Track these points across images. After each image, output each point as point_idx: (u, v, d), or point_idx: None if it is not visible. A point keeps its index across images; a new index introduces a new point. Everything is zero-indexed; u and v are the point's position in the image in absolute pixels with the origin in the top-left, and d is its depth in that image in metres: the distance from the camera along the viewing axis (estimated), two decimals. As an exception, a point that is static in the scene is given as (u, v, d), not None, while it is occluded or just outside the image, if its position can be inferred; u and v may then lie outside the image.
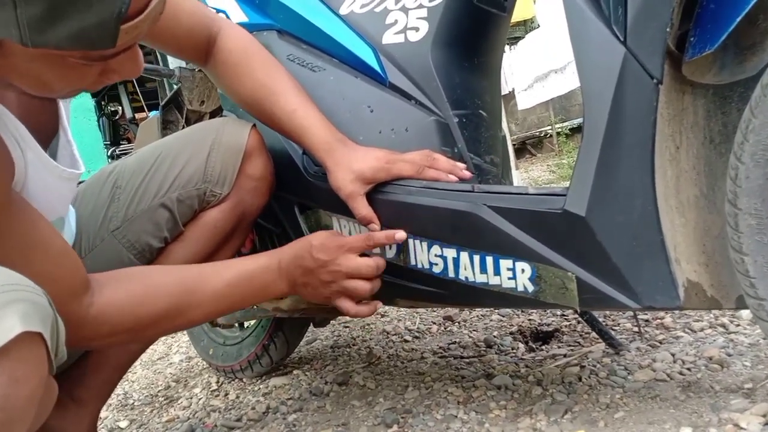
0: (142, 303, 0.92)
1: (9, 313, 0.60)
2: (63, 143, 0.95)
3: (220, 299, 0.99)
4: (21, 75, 0.68)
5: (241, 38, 1.15)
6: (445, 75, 1.14)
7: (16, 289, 0.63)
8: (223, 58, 1.13)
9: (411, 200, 1.03)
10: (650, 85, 0.77)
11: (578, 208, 0.84)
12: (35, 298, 0.64)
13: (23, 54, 0.63)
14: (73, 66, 0.68)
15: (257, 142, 1.18)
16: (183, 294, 0.96)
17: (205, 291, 0.97)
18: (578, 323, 1.59)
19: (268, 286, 1.02)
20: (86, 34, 0.62)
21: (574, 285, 0.88)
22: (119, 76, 0.74)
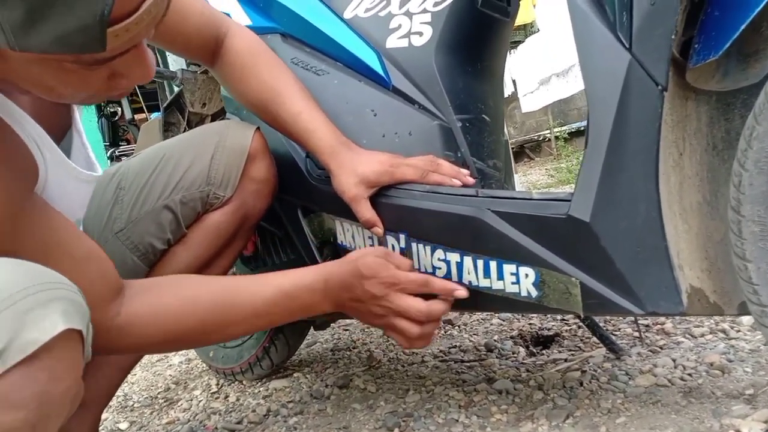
0: (174, 317, 0.89)
1: (52, 310, 0.61)
2: (77, 145, 0.95)
3: (259, 317, 0.95)
4: (26, 80, 0.67)
5: (249, 40, 1.15)
6: (448, 79, 1.15)
7: (57, 287, 0.64)
8: (230, 59, 1.14)
9: (414, 204, 1.04)
10: (655, 91, 0.78)
11: (582, 213, 0.84)
12: (74, 296, 0.66)
13: (21, 59, 0.62)
14: (72, 70, 0.65)
15: (261, 145, 1.18)
16: (220, 310, 0.92)
17: (243, 308, 0.94)
18: (579, 328, 1.59)
19: (312, 306, 0.98)
20: (71, 39, 0.59)
21: (577, 290, 0.88)
22: (129, 81, 0.71)
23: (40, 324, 0.60)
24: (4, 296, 0.59)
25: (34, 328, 0.60)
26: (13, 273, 0.63)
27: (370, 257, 0.96)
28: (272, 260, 1.48)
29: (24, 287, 0.61)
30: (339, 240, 1.20)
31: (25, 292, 0.60)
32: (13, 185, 0.72)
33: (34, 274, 0.64)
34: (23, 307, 0.60)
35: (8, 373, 0.57)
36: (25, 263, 0.65)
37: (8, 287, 0.60)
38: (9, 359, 0.58)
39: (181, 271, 1.14)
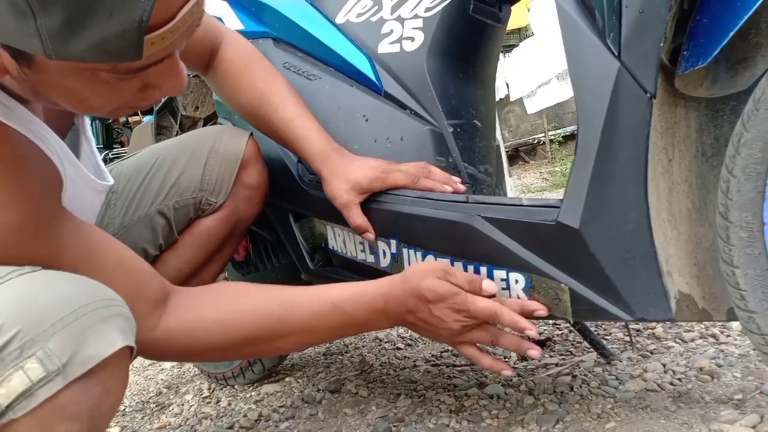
0: (214, 330, 0.86)
1: (111, 327, 0.63)
2: (86, 152, 0.94)
3: (311, 333, 0.92)
4: (58, 91, 0.66)
5: (243, 48, 1.15)
6: (440, 85, 1.15)
7: (113, 304, 0.66)
8: (224, 67, 1.14)
9: (406, 210, 1.04)
10: (644, 99, 0.78)
11: (572, 220, 0.84)
12: (126, 312, 0.67)
13: (55, 68, 0.61)
14: (106, 81, 0.64)
15: (254, 152, 1.18)
16: (269, 322, 0.89)
17: (295, 320, 0.90)
18: (570, 332, 1.59)
19: (369, 324, 0.95)
20: (108, 45, 0.58)
21: (567, 296, 0.88)
22: (162, 92, 0.70)
23: (101, 340, 0.62)
24: (67, 312, 0.61)
25: (94, 343, 0.61)
26: (72, 288, 0.64)
27: (433, 281, 0.90)
28: (264, 265, 1.48)
29: (85, 303, 0.62)
30: (330, 245, 1.20)
31: (86, 308, 0.62)
32: (45, 198, 0.73)
33: (93, 290, 0.65)
34: (85, 323, 0.61)
35: (69, 386, 0.59)
36: (82, 278, 0.67)
37: (70, 302, 0.62)
38: (71, 373, 0.59)
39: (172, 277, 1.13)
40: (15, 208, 0.68)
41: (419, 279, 0.90)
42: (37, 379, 0.58)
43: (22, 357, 0.58)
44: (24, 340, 0.58)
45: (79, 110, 0.71)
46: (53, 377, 0.58)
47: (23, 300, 0.61)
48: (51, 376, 0.58)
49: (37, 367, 0.58)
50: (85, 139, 0.94)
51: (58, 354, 0.59)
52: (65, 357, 0.59)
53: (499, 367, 0.95)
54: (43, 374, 0.58)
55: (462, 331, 0.91)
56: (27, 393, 0.58)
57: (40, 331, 0.59)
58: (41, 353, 0.58)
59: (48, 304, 0.61)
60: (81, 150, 0.93)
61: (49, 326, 0.59)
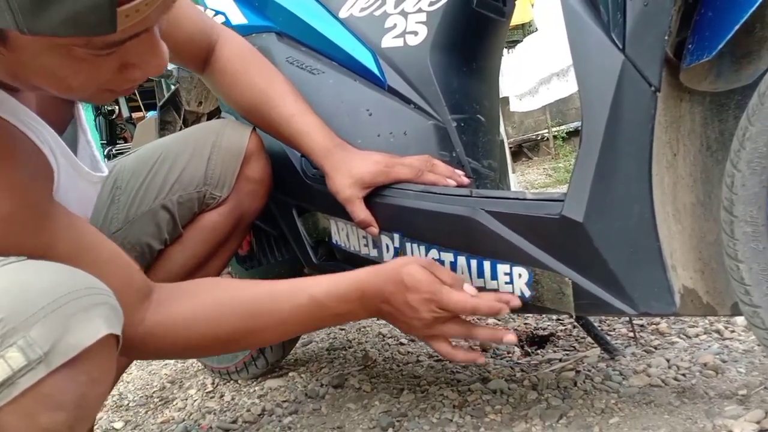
0: (199, 325, 0.86)
1: (95, 315, 0.63)
2: (83, 144, 0.93)
3: (287, 324, 0.91)
4: (36, 72, 0.64)
5: (240, 46, 1.15)
6: (443, 79, 1.15)
7: (99, 293, 0.65)
8: (222, 66, 1.13)
9: (409, 204, 1.04)
10: (648, 92, 0.78)
11: (576, 214, 0.84)
12: (114, 302, 0.67)
13: (30, 47, 0.60)
14: (83, 58, 0.62)
15: (257, 145, 1.18)
16: (247, 318, 0.89)
17: (272, 316, 0.90)
18: (574, 328, 1.59)
19: (345, 315, 0.94)
20: (81, 18, 0.55)
21: (570, 290, 0.88)
22: (142, 71, 0.67)
23: (84, 328, 0.61)
24: (49, 300, 0.60)
25: (78, 331, 0.61)
26: (57, 277, 0.64)
27: (414, 266, 0.90)
28: (267, 259, 1.49)
29: (68, 291, 0.62)
30: (334, 239, 1.20)
31: (69, 296, 0.61)
32: (34, 189, 0.72)
33: (77, 279, 0.65)
34: (68, 311, 0.61)
35: (52, 374, 0.59)
36: (67, 267, 0.66)
37: (54, 291, 0.61)
38: (54, 362, 0.59)
39: (176, 272, 1.14)
40: (3, 199, 0.67)
41: (402, 264, 0.91)
42: (18, 368, 0.57)
43: (3, 346, 0.57)
44: (5, 329, 0.58)
45: (60, 92, 0.68)
46: (35, 366, 0.58)
47: (6, 289, 0.60)
48: (32, 365, 0.58)
49: (18, 356, 0.58)
50: (82, 131, 0.94)
51: (40, 342, 0.58)
52: (47, 345, 0.59)
53: (472, 357, 0.95)
54: (24, 363, 0.58)
55: (434, 322, 0.90)
56: (8, 382, 0.57)
57: (22, 319, 0.58)
58: (22, 342, 0.58)
59: (31, 293, 0.60)
60: (78, 142, 0.92)
61: (31, 315, 0.59)
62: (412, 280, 0.89)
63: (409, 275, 0.89)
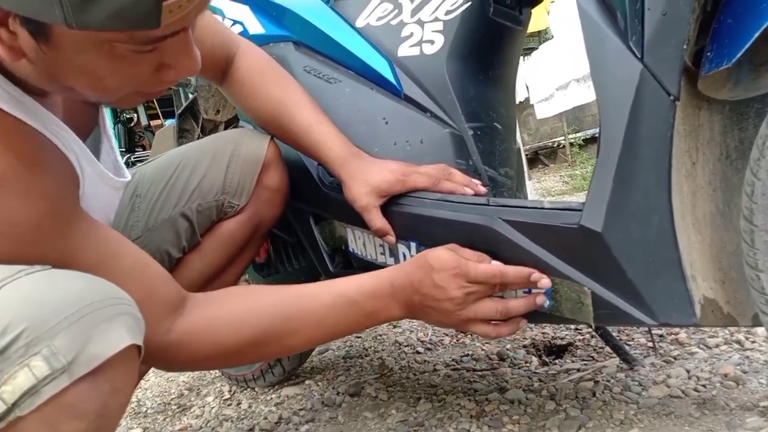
0: (228, 330, 0.86)
1: (117, 325, 0.63)
2: (106, 149, 0.93)
3: (321, 326, 0.90)
4: (74, 71, 0.65)
5: (258, 57, 1.16)
6: (460, 87, 1.15)
7: (121, 303, 0.65)
8: (240, 77, 1.15)
9: (426, 212, 1.03)
10: (667, 101, 0.77)
11: (594, 223, 0.83)
12: (135, 311, 0.67)
13: (72, 44, 0.61)
14: (123, 56, 0.64)
15: (275, 154, 1.19)
16: (278, 319, 0.88)
17: (302, 318, 0.89)
18: (592, 337, 1.58)
19: (379, 312, 0.93)
20: (128, 12, 0.57)
21: (589, 300, 0.87)
22: (176, 72, 0.69)
23: (107, 338, 0.62)
24: (72, 310, 0.60)
25: (101, 341, 0.61)
26: (81, 286, 0.64)
27: (439, 250, 0.92)
28: (284, 267, 1.49)
29: (92, 301, 0.62)
30: (350, 247, 1.20)
31: (92, 306, 0.62)
32: (61, 197, 0.72)
33: (100, 289, 0.65)
34: (91, 321, 0.61)
35: (75, 384, 0.59)
36: (91, 277, 0.66)
37: (77, 301, 0.61)
38: (76, 371, 0.59)
39: (194, 279, 1.15)
40: (31, 206, 0.67)
41: (427, 252, 0.93)
42: (42, 377, 0.58)
43: (28, 355, 0.58)
44: (30, 338, 0.58)
45: (94, 93, 0.69)
46: (58, 375, 0.58)
47: (30, 298, 0.61)
48: (56, 374, 0.58)
49: (43, 365, 0.58)
50: (106, 137, 0.94)
51: (64, 352, 0.59)
52: (71, 355, 0.59)
53: (514, 327, 0.94)
54: (48, 372, 0.58)
55: (465, 300, 0.90)
56: (32, 390, 0.58)
57: (46, 329, 0.59)
58: (46, 351, 0.58)
59: (55, 303, 0.61)
60: (102, 148, 0.93)
61: (55, 324, 0.59)
62: (437, 260, 0.90)
63: (434, 257, 0.91)
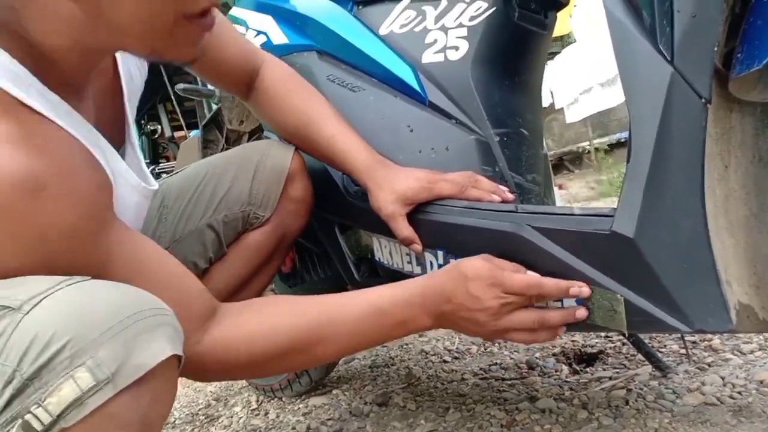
0: (258, 338, 0.85)
1: (159, 335, 0.63)
2: (131, 156, 0.94)
3: (352, 335, 0.89)
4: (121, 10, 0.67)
5: (282, 71, 1.17)
6: (485, 93, 1.14)
7: (162, 313, 0.65)
8: (265, 90, 1.16)
9: (452, 220, 1.03)
10: (698, 104, 0.75)
11: (626, 229, 0.82)
12: (175, 321, 0.67)
13: None
14: None
15: (299, 165, 1.20)
16: (309, 328, 0.87)
17: (333, 326, 0.88)
18: (623, 345, 1.55)
19: (409, 322, 0.91)
20: None
21: (622, 307, 0.86)
22: None
23: (149, 348, 0.62)
24: (115, 321, 0.61)
25: (143, 352, 0.61)
26: (122, 298, 0.64)
27: (474, 259, 0.90)
28: (310, 276, 1.49)
29: (134, 312, 0.62)
30: (376, 256, 1.19)
31: (135, 317, 0.62)
32: (97, 203, 0.72)
33: (141, 299, 0.65)
34: (133, 331, 0.61)
35: (119, 395, 0.59)
36: (132, 288, 0.66)
37: (119, 312, 0.62)
38: (120, 382, 0.59)
39: (220, 290, 1.15)
40: (68, 210, 0.67)
41: (460, 261, 0.91)
42: (87, 388, 0.58)
43: (72, 366, 0.58)
44: (74, 349, 0.58)
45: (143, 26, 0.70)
46: (103, 386, 0.58)
47: (73, 310, 0.61)
48: (101, 385, 0.58)
49: (87, 376, 0.58)
50: (130, 144, 0.95)
51: (108, 363, 0.59)
52: (114, 366, 0.59)
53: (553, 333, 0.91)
54: (93, 383, 0.58)
55: (500, 310, 0.88)
56: (77, 402, 0.58)
57: (90, 340, 0.59)
58: (91, 362, 0.58)
59: (97, 314, 0.61)
60: (126, 154, 0.93)
61: (99, 335, 0.59)
62: (472, 270, 0.88)
63: (468, 267, 0.89)
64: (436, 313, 0.90)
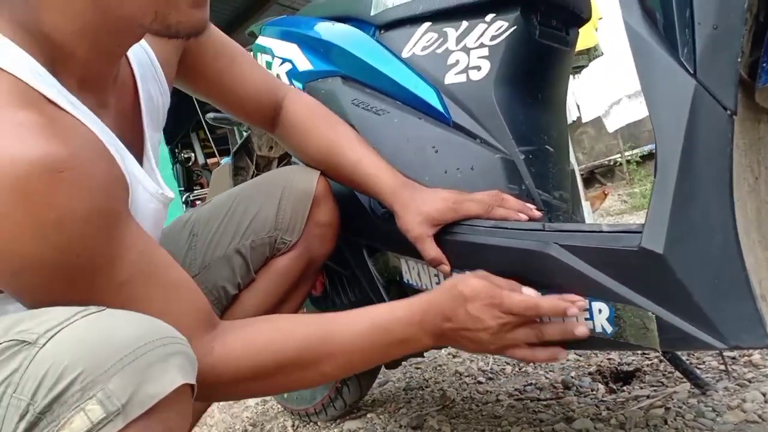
0: (267, 349, 0.87)
1: (171, 365, 0.63)
2: (147, 168, 0.96)
3: (354, 352, 0.90)
4: None
5: (305, 102, 1.21)
6: (508, 112, 1.14)
7: (174, 342, 0.66)
8: (289, 121, 1.19)
9: (480, 240, 1.02)
10: (724, 116, 0.74)
11: (656, 245, 0.81)
12: (188, 350, 0.67)
13: None
14: None
15: (325, 189, 1.21)
16: (314, 341, 0.88)
17: (337, 342, 0.89)
18: (660, 362, 1.52)
19: (409, 340, 0.92)
20: None
21: (654, 325, 0.84)
22: None
23: (160, 378, 0.62)
24: (127, 351, 0.61)
25: (154, 382, 0.61)
26: (135, 327, 0.65)
27: (470, 278, 0.91)
28: (341, 300, 1.49)
29: (145, 342, 0.63)
30: (405, 278, 1.19)
31: (146, 347, 0.62)
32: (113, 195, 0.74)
33: (154, 329, 0.65)
34: (145, 362, 0.61)
35: (130, 426, 0.59)
36: (145, 316, 0.67)
37: (131, 342, 0.62)
38: (131, 413, 0.59)
39: (250, 316, 1.15)
40: (84, 195, 0.69)
41: (457, 280, 0.91)
42: (97, 420, 0.58)
43: (83, 399, 0.58)
44: (85, 381, 0.59)
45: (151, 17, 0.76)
46: (113, 418, 0.58)
47: (87, 341, 0.61)
48: (111, 417, 0.58)
49: (98, 408, 0.58)
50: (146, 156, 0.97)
51: (118, 394, 0.59)
52: (125, 397, 0.59)
53: (554, 353, 0.91)
54: (103, 415, 0.58)
55: (500, 330, 0.88)
56: None
57: (101, 372, 0.59)
58: (101, 394, 0.59)
59: (110, 345, 0.61)
60: (144, 162, 0.95)
61: (110, 367, 0.60)
62: (470, 290, 0.89)
63: (466, 286, 0.89)
64: (436, 332, 0.91)
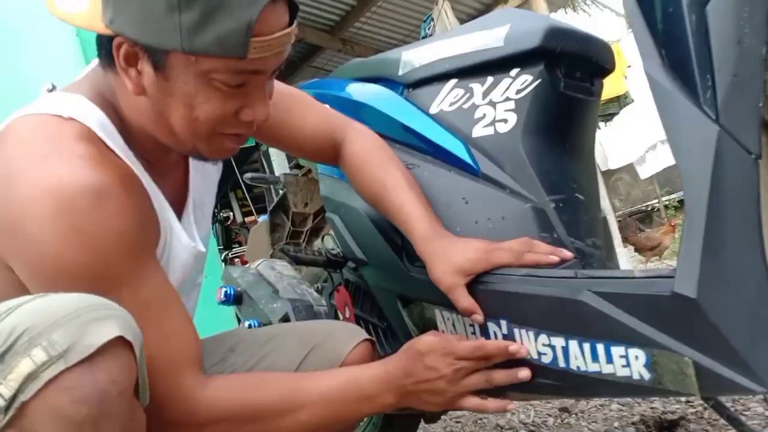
0: (252, 390, 0.95)
1: (108, 322, 0.72)
2: (185, 223, 1.05)
3: (328, 404, 0.96)
4: (179, 101, 0.85)
5: (365, 141, 1.25)
6: (537, 162, 1.15)
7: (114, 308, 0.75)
8: (349, 159, 1.24)
9: (513, 289, 1.02)
10: (749, 160, 0.75)
11: (688, 290, 0.81)
12: (126, 316, 0.75)
13: (181, 74, 0.82)
14: (216, 89, 0.84)
15: (360, 357, 1.13)
16: (291, 390, 0.96)
17: (312, 391, 0.96)
18: (705, 410, 1.49)
19: (374, 397, 0.98)
20: (226, 40, 0.78)
21: (691, 370, 0.84)
22: (252, 112, 0.90)
23: (98, 332, 0.70)
24: (71, 311, 0.70)
25: (93, 334, 0.69)
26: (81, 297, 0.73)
27: (425, 336, 1.01)
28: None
29: (88, 305, 0.72)
30: (440, 329, 1.19)
31: (88, 308, 0.71)
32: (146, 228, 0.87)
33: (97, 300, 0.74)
34: (86, 318, 0.70)
35: (70, 370, 0.67)
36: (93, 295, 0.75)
37: (75, 305, 0.71)
38: (71, 359, 0.67)
39: None
40: (121, 221, 0.83)
41: (415, 340, 1.01)
42: (41, 363, 0.66)
43: (30, 347, 0.67)
44: (32, 334, 0.67)
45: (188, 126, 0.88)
46: (55, 361, 0.67)
47: (36, 309, 0.70)
48: (53, 360, 0.67)
49: (41, 353, 0.67)
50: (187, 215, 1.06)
51: (60, 343, 0.67)
52: (66, 345, 0.67)
53: (502, 405, 0.99)
54: (45, 358, 0.66)
55: (456, 375, 0.96)
56: (33, 375, 0.66)
57: (46, 326, 0.68)
58: (45, 342, 0.67)
59: (56, 309, 0.70)
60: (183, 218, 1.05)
61: (53, 322, 0.68)
62: (424, 345, 0.98)
63: (421, 343, 0.99)
64: (399, 390, 0.98)
